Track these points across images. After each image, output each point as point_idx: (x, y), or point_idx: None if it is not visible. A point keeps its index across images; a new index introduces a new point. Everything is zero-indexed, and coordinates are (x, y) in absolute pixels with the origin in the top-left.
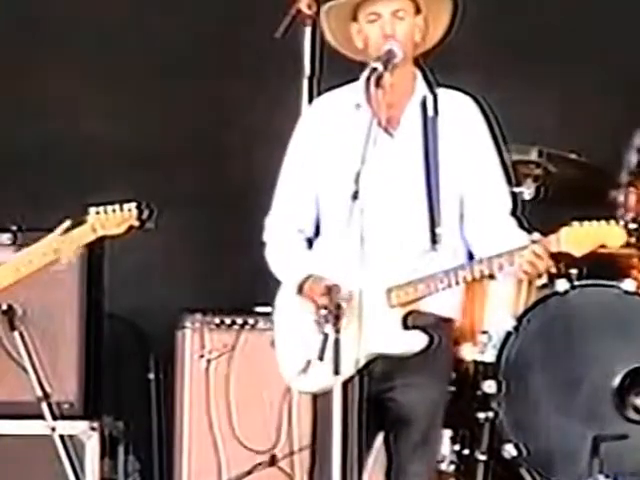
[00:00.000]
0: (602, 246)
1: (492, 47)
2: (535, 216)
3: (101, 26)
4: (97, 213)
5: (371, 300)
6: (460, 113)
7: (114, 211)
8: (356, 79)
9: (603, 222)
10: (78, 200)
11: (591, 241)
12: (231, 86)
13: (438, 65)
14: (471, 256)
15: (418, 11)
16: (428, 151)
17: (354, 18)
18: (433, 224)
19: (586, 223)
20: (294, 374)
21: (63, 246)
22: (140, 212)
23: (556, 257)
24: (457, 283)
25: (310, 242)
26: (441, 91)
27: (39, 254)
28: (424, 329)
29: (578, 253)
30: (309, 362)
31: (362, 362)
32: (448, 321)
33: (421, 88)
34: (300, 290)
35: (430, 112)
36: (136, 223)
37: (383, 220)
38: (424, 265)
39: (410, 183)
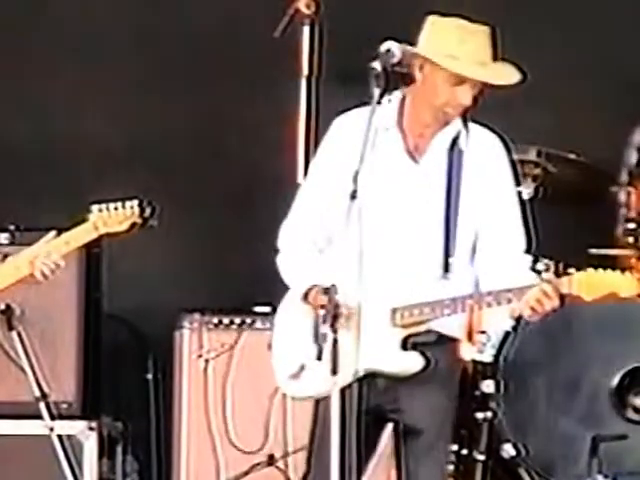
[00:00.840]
0: (613, 293)
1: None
2: (534, 216)
3: (101, 26)
4: (100, 211)
5: (375, 318)
6: (486, 151)
7: (116, 209)
8: (354, 79)
9: (618, 271)
10: (78, 200)
11: (603, 289)
12: (231, 86)
13: None
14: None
15: None
16: (451, 183)
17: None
18: (447, 253)
19: (600, 270)
20: (285, 378)
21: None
22: (142, 209)
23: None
24: (463, 310)
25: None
26: (472, 126)
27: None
28: (422, 351)
29: (588, 298)
30: (302, 367)
31: (361, 373)
32: (451, 340)
33: (456, 123)
34: (305, 298)
35: (462, 147)
36: (139, 220)
37: (397, 243)
38: (434, 292)
39: (429, 211)
